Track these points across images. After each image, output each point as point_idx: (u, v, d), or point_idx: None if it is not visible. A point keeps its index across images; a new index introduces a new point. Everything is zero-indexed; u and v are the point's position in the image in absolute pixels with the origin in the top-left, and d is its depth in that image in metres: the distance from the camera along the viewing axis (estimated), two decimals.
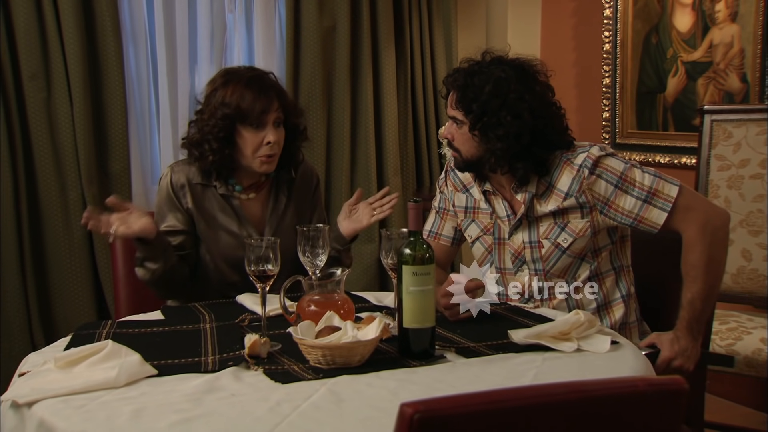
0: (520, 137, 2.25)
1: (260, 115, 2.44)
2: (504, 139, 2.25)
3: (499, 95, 2.24)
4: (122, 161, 3.92)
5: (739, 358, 3.03)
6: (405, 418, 1.08)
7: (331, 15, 4.33)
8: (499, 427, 1.12)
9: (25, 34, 3.70)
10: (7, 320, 3.72)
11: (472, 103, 2.26)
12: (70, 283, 3.85)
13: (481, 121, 2.26)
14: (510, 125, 2.24)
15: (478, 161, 2.33)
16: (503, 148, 2.26)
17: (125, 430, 1.49)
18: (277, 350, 1.92)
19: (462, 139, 2.33)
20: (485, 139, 2.27)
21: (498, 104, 2.24)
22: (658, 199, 2.23)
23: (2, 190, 3.70)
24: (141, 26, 4.03)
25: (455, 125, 2.33)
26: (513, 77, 2.27)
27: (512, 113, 2.24)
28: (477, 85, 2.26)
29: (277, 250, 1.98)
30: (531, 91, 2.27)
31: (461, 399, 1.12)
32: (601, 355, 1.88)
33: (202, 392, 1.66)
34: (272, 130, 2.47)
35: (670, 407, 1.21)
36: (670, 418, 1.22)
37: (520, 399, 1.14)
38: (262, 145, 2.46)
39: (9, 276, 3.73)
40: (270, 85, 2.51)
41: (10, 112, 3.73)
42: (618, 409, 1.20)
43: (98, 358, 1.75)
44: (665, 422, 1.22)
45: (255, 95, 2.44)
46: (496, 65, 2.30)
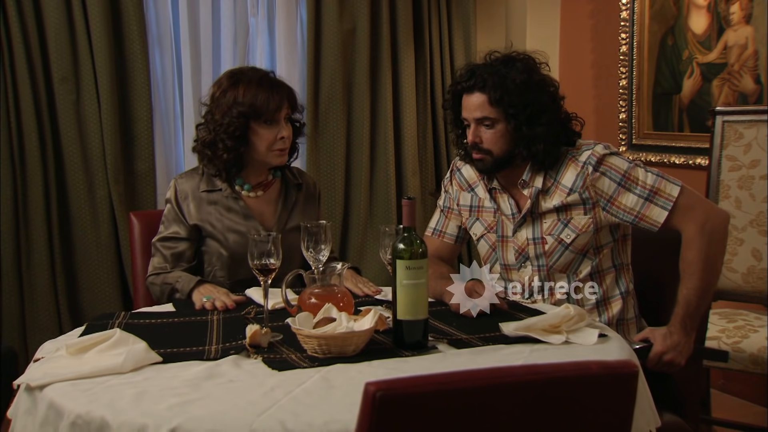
0: (554, 127, 2.35)
1: (274, 112, 2.57)
2: (549, 125, 2.34)
3: (530, 88, 2.34)
4: (147, 161, 4.06)
5: (744, 355, 3.07)
6: (368, 396, 1.17)
7: (351, 18, 4.42)
8: (457, 406, 1.20)
9: (55, 39, 3.84)
10: (37, 313, 3.87)
11: (512, 98, 2.32)
12: (97, 277, 3.99)
13: (526, 113, 2.33)
14: (552, 112, 2.35)
15: (509, 156, 2.39)
16: (545, 134, 2.34)
17: (126, 410, 1.59)
18: (278, 340, 2.01)
19: (494, 138, 2.37)
20: (530, 129, 2.34)
21: (534, 95, 2.34)
22: (659, 198, 2.30)
23: (33, 188, 3.85)
24: (166, 30, 4.16)
25: (482, 127, 2.39)
26: (533, 67, 2.36)
27: (548, 97, 2.35)
28: (507, 80, 2.33)
29: (279, 245, 2.07)
30: (547, 80, 2.38)
31: (421, 379, 1.20)
32: (588, 347, 1.95)
33: (202, 378, 1.76)
34: (284, 126, 2.60)
35: (623, 389, 1.28)
36: (622, 400, 1.29)
37: (477, 380, 1.22)
38: (276, 140, 2.59)
39: (39, 271, 3.88)
40: (279, 84, 2.63)
41: (41, 113, 3.88)
42: (572, 390, 1.27)
43: (107, 345, 1.85)
44: (618, 403, 1.29)
45: (268, 93, 2.57)
46: (510, 62, 2.37)
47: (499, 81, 2.34)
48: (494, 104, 2.35)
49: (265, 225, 2.65)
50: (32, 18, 3.81)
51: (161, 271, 2.61)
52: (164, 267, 2.61)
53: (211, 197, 2.64)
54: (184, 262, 2.63)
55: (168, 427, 1.52)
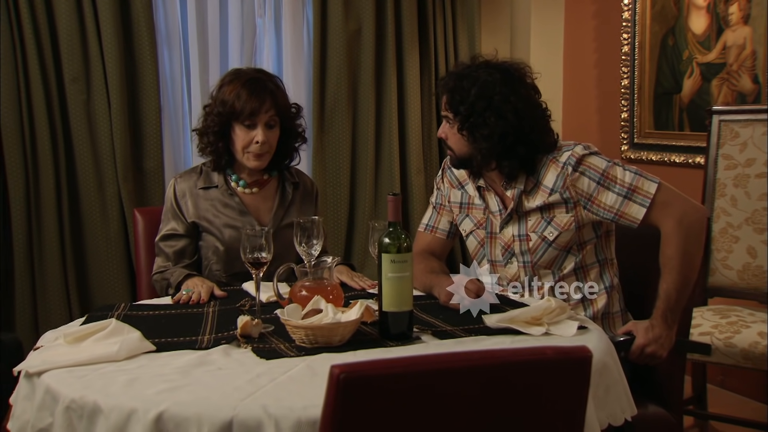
0: (504, 137, 2.39)
1: (250, 115, 2.63)
2: (489, 139, 2.39)
3: (485, 97, 2.39)
4: (156, 159, 4.15)
5: (735, 350, 3.12)
6: (333, 378, 1.24)
7: (356, 18, 4.49)
8: (417, 388, 1.27)
9: (67, 40, 3.94)
10: (49, 307, 3.96)
11: (460, 105, 2.42)
12: (107, 272, 4.08)
13: (468, 121, 2.41)
14: (495, 126, 2.38)
15: (469, 159, 2.48)
16: (488, 147, 2.41)
17: (117, 395, 1.67)
18: (269, 331, 2.09)
19: (454, 138, 2.48)
20: (472, 138, 2.42)
21: (483, 106, 2.39)
22: (637, 196, 2.36)
23: (45, 185, 3.95)
24: (175, 30, 4.24)
25: (448, 125, 2.49)
26: (499, 80, 2.41)
27: (497, 114, 2.38)
28: (465, 88, 2.41)
29: (271, 240, 2.15)
30: (516, 93, 2.41)
31: (383, 362, 1.28)
32: (567, 338, 2.01)
33: (192, 366, 1.84)
34: (262, 131, 2.65)
35: (577, 373, 1.35)
36: (576, 384, 1.36)
37: (436, 363, 1.29)
38: (251, 143, 2.65)
39: (51, 266, 3.98)
40: (265, 88, 2.68)
41: (53, 113, 3.98)
42: (528, 374, 1.34)
43: (103, 334, 1.94)
44: (572, 387, 1.36)
45: (248, 96, 2.63)
46: (484, 69, 2.44)
47: (456, 86, 2.44)
48: (448, 106, 2.47)
49: (261, 221, 2.73)
50: (44, 20, 3.90)
51: (164, 269, 2.70)
52: (167, 265, 2.70)
53: (208, 194, 2.73)
54: (186, 258, 2.72)
55: (156, 411, 1.60)
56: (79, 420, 1.67)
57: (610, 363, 1.95)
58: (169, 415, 1.59)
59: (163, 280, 2.66)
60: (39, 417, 1.76)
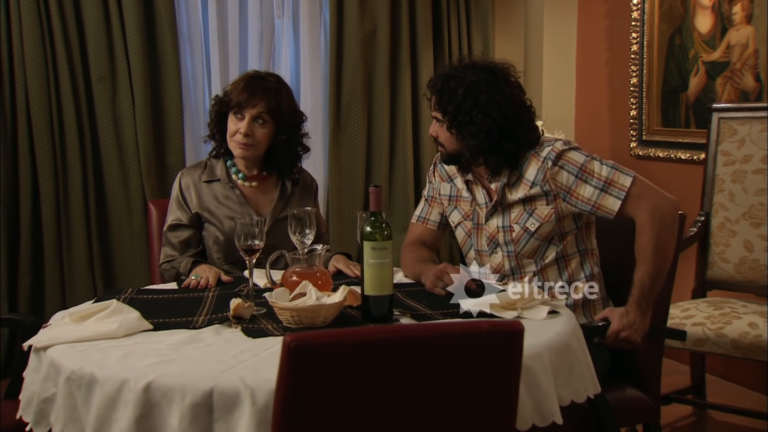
0: (490, 134, 2.52)
1: (238, 105, 2.82)
2: (476, 136, 2.53)
3: (471, 97, 2.52)
4: (178, 154, 4.34)
5: (726, 340, 3.22)
6: (285, 346, 1.39)
7: (372, 19, 4.65)
8: (361, 357, 1.41)
9: (94, 41, 4.14)
10: (76, 295, 4.17)
11: (448, 105, 2.56)
12: (130, 262, 4.30)
13: (456, 120, 2.55)
14: (481, 123, 2.52)
15: (458, 155, 2.62)
16: (476, 144, 2.54)
17: (111, 367, 1.83)
18: (261, 314, 2.24)
19: (444, 136, 2.62)
20: (460, 136, 2.56)
21: (470, 105, 2.52)
22: (613, 189, 2.48)
23: (73, 180, 4.17)
24: (196, 31, 4.44)
25: (438, 124, 2.62)
26: (484, 80, 2.54)
27: (483, 113, 2.52)
28: (452, 89, 2.55)
29: (263, 228, 2.31)
30: (501, 91, 2.54)
31: (330, 332, 1.42)
32: (537, 321, 2.14)
33: (183, 343, 2.00)
34: (248, 123, 2.83)
35: (510, 344, 1.48)
36: (510, 353, 1.49)
37: (380, 334, 1.43)
38: (236, 132, 2.84)
39: (78, 256, 4.19)
40: (262, 86, 2.86)
41: (81, 111, 4.19)
42: (465, 344, 1.48)
43: (104, 314, 2.11)
44: (506, 357, 1.50)
45: (243, 88, 2.84)
46: (470, 69, 2.57)
47: (444, 87, 2.58)
48: (437, 106, 2.60)
49: (261, 213, 2.89)
50: (73, 22, 4.11)
51: (172, 258, 2.87)
52: (173, 255, 2.88)
53: (211, 187, 2.90)
54: (192, 248, 2.89)
55: (145, 381, 1.75)
56: (78, 389, 1.84)
57: (575, 344, 2.07)
58: (156, 385, 1.74)
59: (171, 269, 2.83)
60: (44, 387, 1.94)
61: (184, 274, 2.75)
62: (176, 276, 2.80)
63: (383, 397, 1.45)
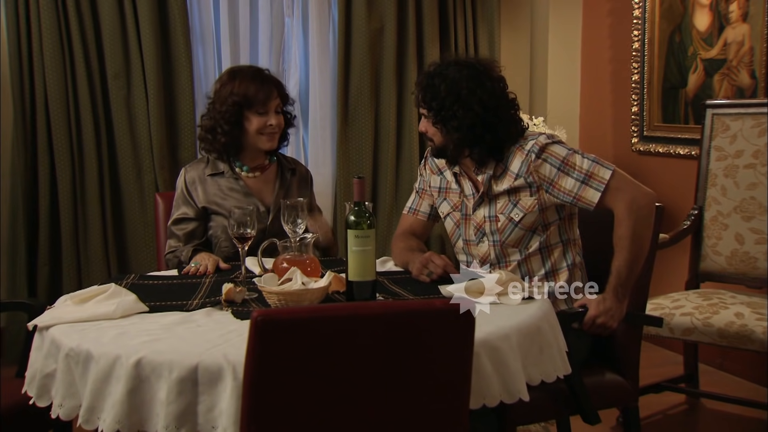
0: (472, 127, 2.64)
1: (264, 102, 2.97)
2: (459, 130, 2.65)
3: (453, 92, 2.65)
4: (190, 149, 4.49)
5: (713, 329, 3.31)
6: (252, 321, 1.52)
7: (379, 18, 4.77)
8: (323, 332, 1.53)
9: (110, 40, 4.30)
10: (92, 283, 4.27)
11: (432, 101, 2.68)
12: (144, 252, 4.45)
13: (440, 115, 2.67)
14: (463, 117, 2.64)
15: (444, 148, 2.74)
16: (459, 137, 2.66)
17: (106, 344, 1.97)
18: (253, 298, 2.37)
19: (431, 131, 2.74)
20: (445, 130, 2.68)
21: (452, 100, 2.64)
22: (593, 181, 2.59)
23: (89, 174, 4.33)
24: (208, 30, 4.58)
25: (425, 119, 2.75)
26: (466, 76, 2.66)
27: (464, 107, 2.64)
28: (435, 85, 2.68)
29: (254, 218, 2.45)
30: (482, 86, 2.66)
31: (294, 309, 1.55)
32: (512, 307, 2.25)
33: (175, 324, 2.13)
34: (274, 115, 3.01)
35: (462, 322, 1.60)
36: (462, 330, 1.61)
37: (338, 311, 1.56)
38: (266, 126, 2.99)
39: (94, 247, 4.35)
40: (269, 78, 3.04)
41: (97, 107, 4.35)
42: (421, 321, 1.60)
43: (103, 296, 2.25)
44: (458, 333, 1.61)
45: (259, 86, 2.98)
46: (453, 66, 2.69)
47: (428, 84, 2.70)
48: (423, 102, 2.73)
49: (264, 202, 3.04)
50: (90, 22, 4.26)
51: (175, 248, 3.02)
52: (178, 245, 3.02)
53: (216, 180, 3.04)
54: (196, 239, 3.03)
55: (136, 357, 1.89)
56: (76, 365, 1.98)
57: (545, 327, 2.18)
58: (146, 361, 1.88)
59: (174, 258, 2.98)
60: (45, 364, 2.08)
61: (185, 261, 2.89)
62: (178, 264, 2.94)
63: (342, 370, 1.58)
